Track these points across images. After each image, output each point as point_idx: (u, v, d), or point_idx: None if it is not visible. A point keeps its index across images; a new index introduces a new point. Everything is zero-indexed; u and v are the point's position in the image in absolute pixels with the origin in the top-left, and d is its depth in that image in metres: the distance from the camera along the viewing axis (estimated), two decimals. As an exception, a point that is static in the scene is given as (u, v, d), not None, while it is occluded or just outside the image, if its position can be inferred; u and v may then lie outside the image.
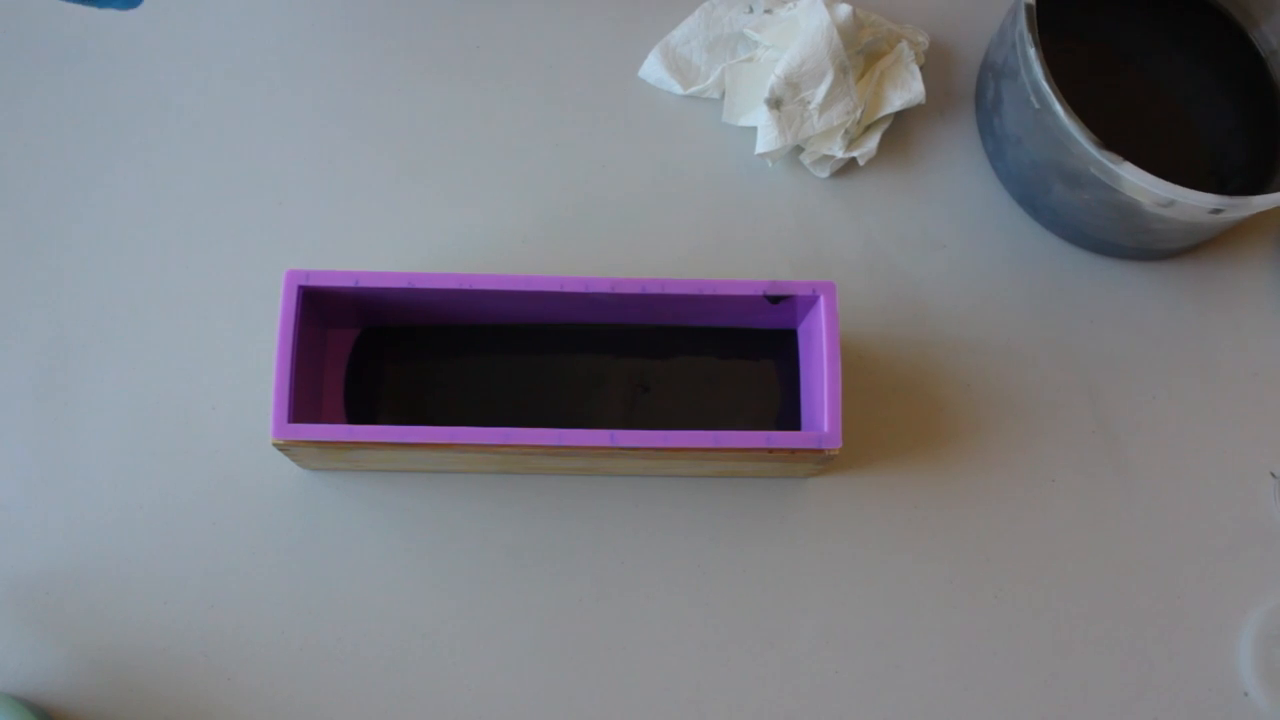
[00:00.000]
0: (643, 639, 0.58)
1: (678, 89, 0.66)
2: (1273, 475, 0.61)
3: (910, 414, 0.61)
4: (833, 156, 0.64)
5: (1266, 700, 0.58)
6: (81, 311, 0.61)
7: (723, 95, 0.65)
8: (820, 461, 0.56)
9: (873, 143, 0.64)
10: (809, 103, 0.62)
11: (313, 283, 0.54)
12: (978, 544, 0.60)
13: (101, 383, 0.60)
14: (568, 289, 0.55)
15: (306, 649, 0.57)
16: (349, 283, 0.54)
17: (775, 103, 0.62)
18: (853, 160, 0.64)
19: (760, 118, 0.63)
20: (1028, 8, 0.55)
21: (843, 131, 0.63)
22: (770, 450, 0.53)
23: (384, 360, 0.60)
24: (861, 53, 0.64)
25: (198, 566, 0.58)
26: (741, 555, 0.59)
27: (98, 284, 0.62)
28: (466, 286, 0.54)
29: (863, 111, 0.63)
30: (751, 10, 0.67)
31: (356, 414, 0.59)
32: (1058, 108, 0.55)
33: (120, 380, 0.60)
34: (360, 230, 0.63)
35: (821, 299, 0.55)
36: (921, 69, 0.65)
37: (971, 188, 0.65)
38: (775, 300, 0.55)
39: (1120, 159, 0.54)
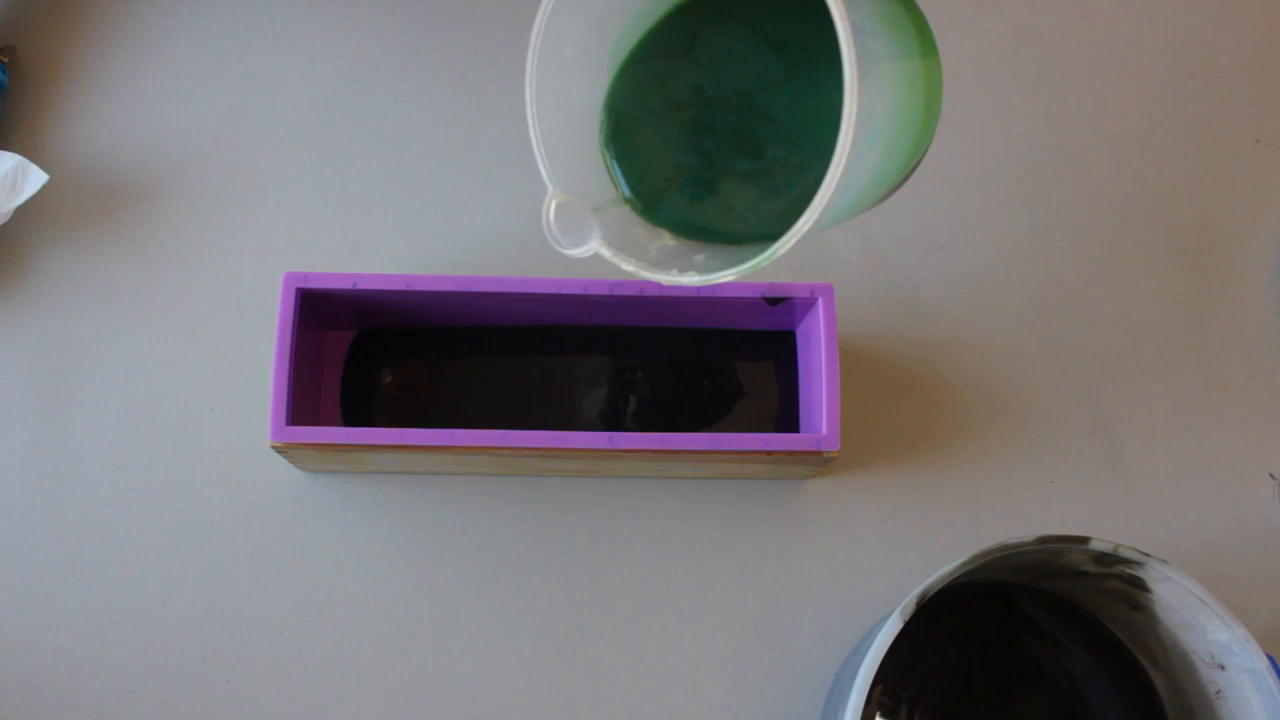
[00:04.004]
0: (642, 640, 0.58)
1: None
2: (1272, 476, 0.61)
3: (909, 415, 0.61)
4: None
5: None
6: (80, 313, 0.61)
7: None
8: (819, 463, 0.56)
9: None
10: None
11: (311, 285, 0.54)
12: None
13: (100, 385, 0.60)
14: (566, 291, 0.55)
15: (305, 651, 0.57)
16: (347, 285, 0.54)
17: None
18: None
19: None
20: None
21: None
22: (769, 453, 0.53)
23: (381, 362, 0.60)
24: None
25: (196, 568, 0.58)
26: (740, 557, 0.59)
27: (96, 285, 0.62)
28: (465, 288, 0.54)
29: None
30: None
31: (354, 416, 0.59)
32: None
33: (118, 382, 0.60)
34: (358, 232, 0.63)
35: (820, 301, 0.55)
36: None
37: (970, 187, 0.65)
38: (774, 302, 0.55)
39: None
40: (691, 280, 0.41)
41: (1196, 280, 0.64)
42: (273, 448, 0.53)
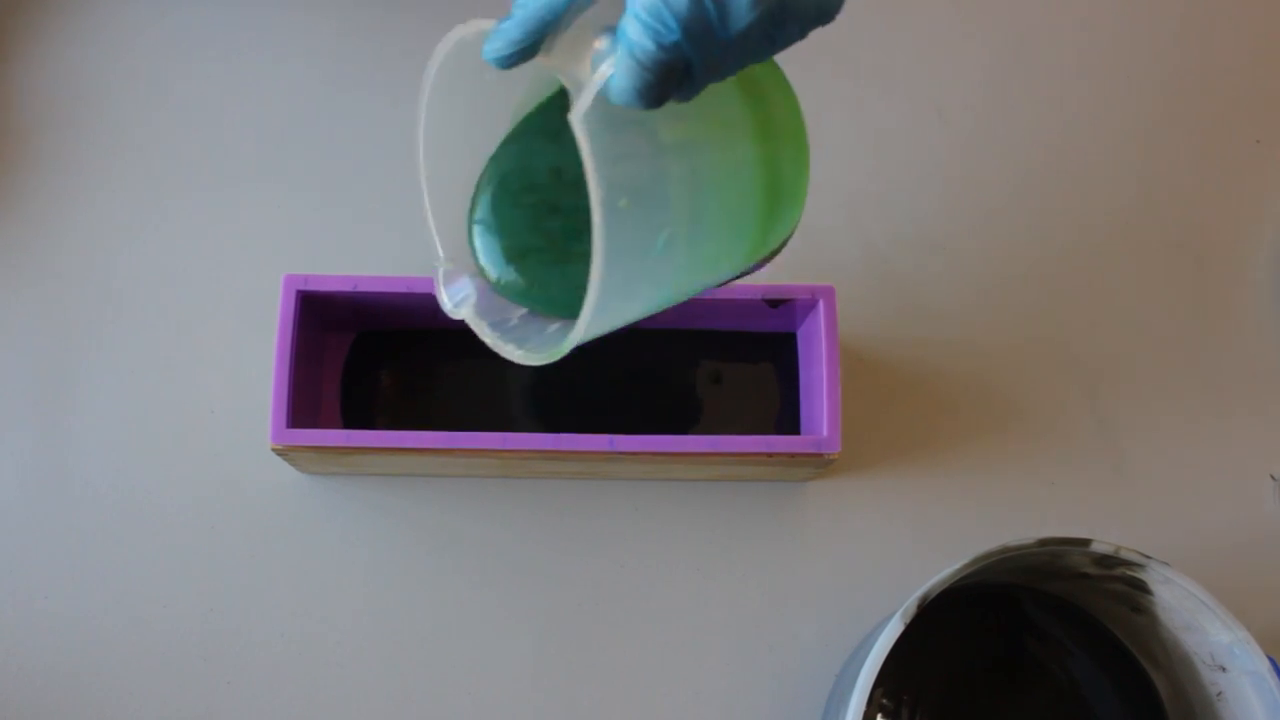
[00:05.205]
0: (642, 641, 0.58)
1: None
2: (1272, 477, 0.61)
3: (909, 417, 0.61)
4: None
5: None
6: (81, 315, 0.61)
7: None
8: (819, 465, 0.56)
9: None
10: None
11: (311, 287, 0.54)
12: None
13: (101, 387, 0.60)
14: (567, 293, 0.54)
15: (305, 652, 0.57)
16: (347, 287, 0.54)
17: None
18: (852, 162, 0.64)
19: None
20: None
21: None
22: (769, 455, 0.53)
23: (381, 364, 0.60)
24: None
25: (197, 570, 0.58)
26: (740, 559, 0.59)
27: (97, 288, 0.61)
28: (465, 290, 0.54)
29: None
30: None
31: (354, 418, 0.59)
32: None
33: (119, 384, 0.60)
34: (358, 233, 0.63)
35: (821, 303, 0.55)
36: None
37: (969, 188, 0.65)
38: (775, 304, 0.55)
39: None
40: (514, 357, 0.42)
41: (1197, 281, 0.64)
42: (273, 450, 0.53)
